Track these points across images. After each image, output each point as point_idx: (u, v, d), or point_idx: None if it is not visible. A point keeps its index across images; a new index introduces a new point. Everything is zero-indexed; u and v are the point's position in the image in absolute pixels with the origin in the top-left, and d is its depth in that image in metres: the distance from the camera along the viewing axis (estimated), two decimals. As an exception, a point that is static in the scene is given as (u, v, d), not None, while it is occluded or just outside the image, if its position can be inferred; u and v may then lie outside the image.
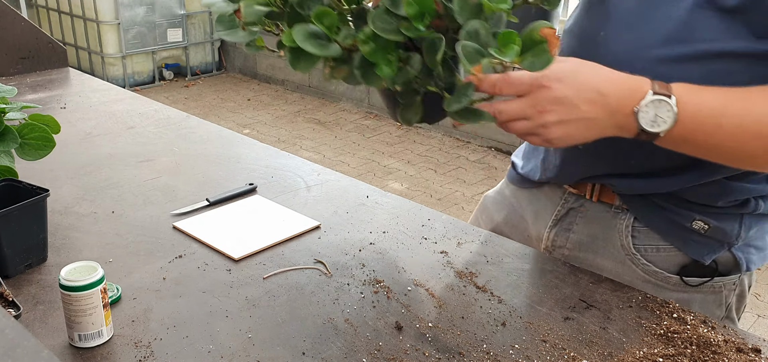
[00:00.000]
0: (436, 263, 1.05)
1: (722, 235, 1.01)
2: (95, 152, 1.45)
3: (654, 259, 1.04)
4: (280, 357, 0.83)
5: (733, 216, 1.01)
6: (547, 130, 0.86)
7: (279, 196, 1.27)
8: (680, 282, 1.04)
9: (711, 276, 1.04)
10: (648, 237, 1.05)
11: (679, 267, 1.04)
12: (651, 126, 0.84)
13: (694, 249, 1.02)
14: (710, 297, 1.05)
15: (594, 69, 0.87)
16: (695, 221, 1.01)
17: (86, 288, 0.82)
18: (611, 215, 1.07)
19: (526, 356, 0.85)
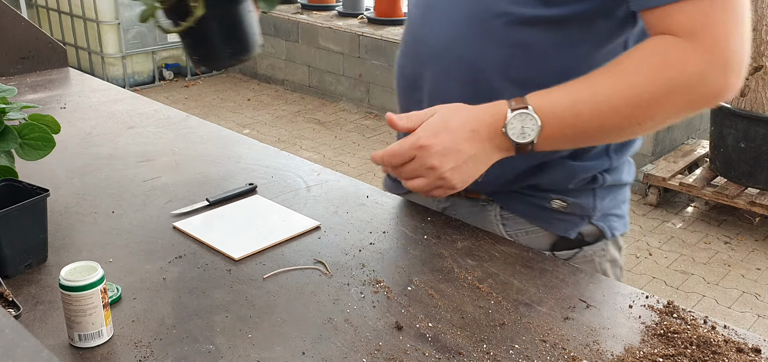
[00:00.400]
0: (436, 262, 1.05)
1: (580, 210, 1.12)
2: (95, 152, 1.45)
3: (526, 241, 1.14)
4: (280, 357, 0.83)
5: (586, 192, 1.12)
6: (446, 180, 0.96)
7: (279, 196, 1.27)
8: (554, 258, 1.11)
9: (579, 247, 1.14)
10: (516, 222, 1.15)
11: (551, 245, 1.14)
12: (522, 138, 0.94)
13: (558, 226, 1.13)
14: (585, 267, 1.13)
15: (458, 111, 0.97)
16: (553, 201, 1.11)
17: (86, 288, 0.82)
18: (479, 208, 1.17)
19: (526, 356, 0.85)
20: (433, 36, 1.08)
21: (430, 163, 0.94)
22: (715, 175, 3.74)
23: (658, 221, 3.70)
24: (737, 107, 3.51)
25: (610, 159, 1.12)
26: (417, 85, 1.13)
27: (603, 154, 1.11)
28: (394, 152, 0.96)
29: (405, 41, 1.17)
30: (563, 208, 1.11)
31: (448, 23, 1.06)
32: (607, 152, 1.11)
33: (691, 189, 3.67)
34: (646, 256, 3.34)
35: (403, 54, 1.17)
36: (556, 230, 1.13)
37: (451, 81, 1.07)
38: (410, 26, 1.15)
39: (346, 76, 5.34)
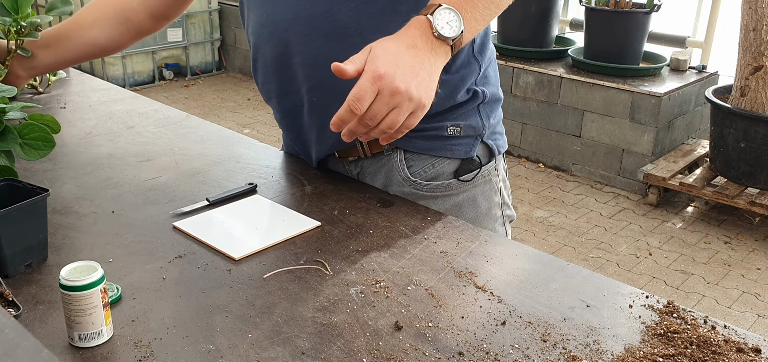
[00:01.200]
0: (436, 263, 1.05)
1: (473, 131, 1.24)
2: (95, 152, 1.45)
3: (433, 174, 1.25)
4: (280, 357, 0.83)
5: (473, 112, 1.23)
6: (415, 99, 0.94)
7: (279, 196, 1.27)
8: (459, 184, 1.26)
9: (478, 167, 1.26)
10: (421, 160, 1.25)
11: (454, 172, 1.26)
12: (451, 31, 0.95)
13: (458, 151, 1.24)
14: (486, 188, 1.28)
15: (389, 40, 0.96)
16: (449, 127, 1.22)
17: (86, 288, 0.82)
18: (386, 159, 1.27)
19: (526, 356, 0.85)
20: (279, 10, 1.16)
21: (394, 86, 0.92)
22: (715, 175, 3.74)
23: (658, 221, 3.70)
24: (737, 107, 3.51)
25: (478, 61, 1.21)
26: (280, 64, 1.21)
27: (470, 60, 1.20)
28: (356, 96, 0.92)
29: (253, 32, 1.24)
30: (458, 133, 1.23)
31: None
32: (473, 53, 1.20)
33: (691, 189, 3.67)
34: (646, 256, 3.34)
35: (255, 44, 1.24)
36: (458, 155, 1.24)
37: (310, 43, 1.15)
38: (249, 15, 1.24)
39: (346, 76, 5.34)
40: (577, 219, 3.71)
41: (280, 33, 1.18)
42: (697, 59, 4.55)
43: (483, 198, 1.29)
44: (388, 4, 1.12)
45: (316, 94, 1.21)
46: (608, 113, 4.07)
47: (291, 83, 1.22)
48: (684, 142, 4.29)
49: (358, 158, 1.30)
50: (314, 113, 1.24)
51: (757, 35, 3.40)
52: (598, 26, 4.22)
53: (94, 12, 1.42)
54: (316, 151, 1.32)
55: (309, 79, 1.20)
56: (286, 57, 1.19)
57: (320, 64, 1.14)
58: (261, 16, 1.20)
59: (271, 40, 1.20)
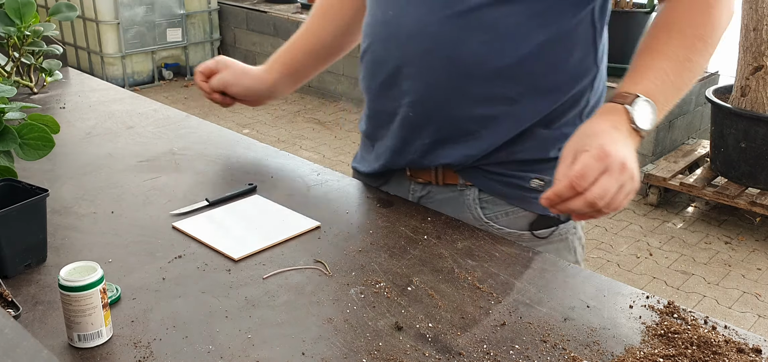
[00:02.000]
0: (436, 262, 1.05)
1: None
2: (95, 152, 1.45)
3: (505, 223, 1.17)
4: (279, 357, 0.83)
5: None
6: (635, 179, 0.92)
7: (279, 196, 1.27)
8: (533, 238, 1.17)
9: (556, 225, 1.18)
10: (495, 204, 1.17)
11: (529, 224, 1.17)
12: (648, 124, 0.96)
13: (537, 205, 1.10)
14: (561, 245, 1.20)
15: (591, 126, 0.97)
16: (532, 180, 1.14)
17: (86, 288, 0.82)
18: (458, 194, 1.19)
19: (526, 356, 0.84)
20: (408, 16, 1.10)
21: (620, 161, 0.89)
22: (716, 175, 3.73)
23: (659, 221, 3.70)
24: (738, 107, 3.51)
25: (582, 121, 1.14)
26: (391, 68, 1.15)
27: (576, 120, 1.14)
28: (581, 173, 0.89)
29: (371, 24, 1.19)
30: (541, 187, 1.13)
31: (423, 4, 1.08)
32: (580, 117, 1.14)
33: (691, 189, 3.67)
34: (646, 256, 3.34)
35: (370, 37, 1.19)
36: (536, 209, 1.15)
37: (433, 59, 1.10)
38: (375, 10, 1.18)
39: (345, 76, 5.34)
40: (577, 220, 3.71)
41: (401, 39, 1.12)
42: (697, 59, 4.53)
43: (555, 255, 1.16)
44: (523, 44, 1.06)
45: (416, 110, 1.14)
46: (608, 113, 4.07)
47: (393, 89, 1.16)
48: (684, 142, 4.29)
49: (429, 182, 1.22)
50: (405, 125, 1.17)
51: (757, 35, 3.40)
52: (598, 26, 4.21)
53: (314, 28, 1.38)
54: (390, 160, 1.23)
55: (414, 94, 1.14)
56: (399, 63, 1.14)
57: (431, 84, 1.11)
58: (386, 13, 1.14)
59: (388, 42, 1.14)
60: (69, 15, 1.61)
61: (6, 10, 1.48)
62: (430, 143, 1.16)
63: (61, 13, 1.62)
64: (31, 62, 1.73)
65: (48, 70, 1.75)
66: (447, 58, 1.09)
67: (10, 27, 1.49)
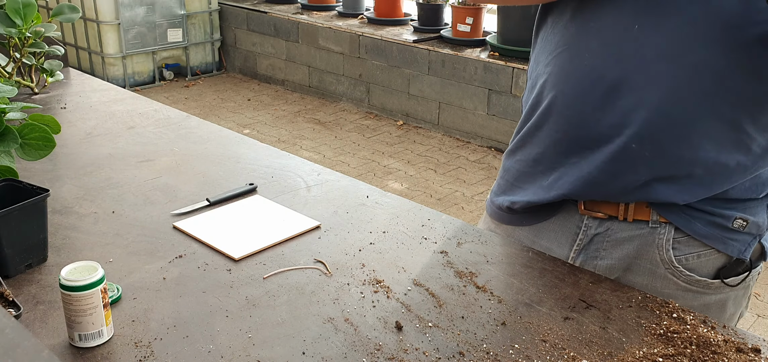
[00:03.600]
0: (436, 263, 1.05)
1: (757, 229, 1.03)
2: (95, 152, 1.45)
3: (694, 266, 1.03)
4: (280, 357, 0.83)
5: (763, 207, 1.03)
6: None
7: (279, 196, 1.27)
8: (721, 285, 1.04)
9: (747, 271, 1.05)
10: (689, 245, 1.02)
11: (717, 270, 1.04)
12: None
13: (733, 248, 1.02)
14: (741, 292, 1.06)
15: None
16: (736, 220, 1.01)
17: (86, 288, 0.82)
18: (648, 232, 1.03)
19: (526, 356, 0.85)
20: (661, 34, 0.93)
21: None
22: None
23: (658, 221, 3.70)
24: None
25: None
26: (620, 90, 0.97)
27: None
28: None
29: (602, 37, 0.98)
30: (743, 227, 1.02)
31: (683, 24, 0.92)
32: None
33: (691, 190, 3.67)
34: (646, 256, 3.34)
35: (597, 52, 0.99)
36: (731, 251, 1.03)
37: (682, 90, 0.94)
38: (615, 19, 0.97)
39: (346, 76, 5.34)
40: (577, 220, 3.71)
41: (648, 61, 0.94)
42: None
43: (733, 304, 1.07)
44: None
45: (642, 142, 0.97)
46: (608, 113, 4.07)
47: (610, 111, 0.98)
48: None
49: (612, 217, 1.04)
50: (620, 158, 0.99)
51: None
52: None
53: None
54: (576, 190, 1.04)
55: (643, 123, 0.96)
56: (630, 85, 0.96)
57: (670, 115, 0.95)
58: (632, 26, 0.95)
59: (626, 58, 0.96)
60: (71, 16, 1.61)
61: (7, 11, 1.48)
62: (644, 181, 0.99)
63: (63, 15, 1.62)
64: (33, 63, 1.73)
65: (49, 70, 1.75)
66: (701, 91, 0.93)
67: (12, 28, 1.49)
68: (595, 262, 1.07)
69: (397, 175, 4.10)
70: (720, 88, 0.92)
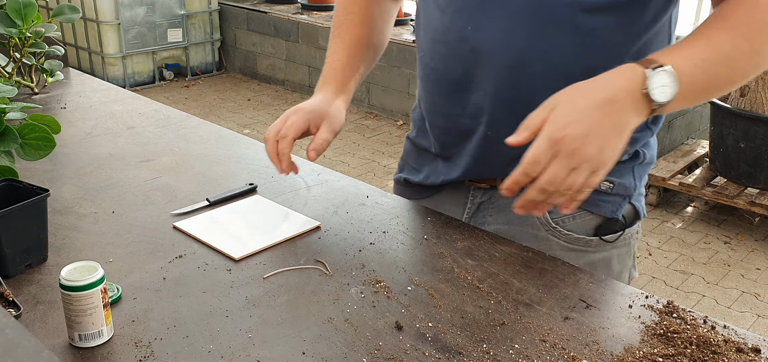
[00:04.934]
0: (436, 262, 1.05)
1: (624, 190, 1.14)
2: (95, 152, 1.45)
3: (572, 227, 1.15)
4: (280, 357, 0.83)
5: (628, 171, 1.14)
6: (594, 163, 0.87)
7: (279, 196, 1.27)
8: (600, 242, 1.15)
9: (622, 229, 1.16)
10: None
11: (595, 229, 1.15)
12: (662, 96, 0.88)
13: (605, 208, 1.14)
14: (624, 250, 1.18)
15: (583, 89, 0.90)
16: (603, 182, 1.11)
17: (86, 288, 0.82)
18: None
19: (526, 356, 0.85)
20: (491, 31, 1.04)
21: (573, 147, 0.85)
22: (715, 175, 3.74)
23: (658, 221, 3.70)
24: (737, 107, 3.51)
25: (651, 131, 1.14)
26: (467, 86, 1.10)
27: (645, 127, 1.11)
28: (531, 159, 0.87)
29: (444, 42, 1.11)
30: (610, 189, 1.13)
31: (510, 16, 1.03)
32: (647, 124, 1.12)
33: (690, 189, 3.67)
34: (645, 256, 3.34)
35: (442, 55, 1.12)
36: (604, 212, 1.14)
37: (519, 75, 1.04)
38: (450, 25, 1.09)
39: (346, 76, 5.34)
40: (577, 220, 3.71)
41: (482, 55, 1.06)
42: (697, 59, 4.54)
43: (618, 261, 1.19)
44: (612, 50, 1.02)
45: (495, 129, 1.09)
46: (608, 113, 4.07)
47: (466, 107, 1.12)
48: (684, 142, 4.29)
49: (492, 187, 1.17)
50: (484, 144, 1.12)
51: (757, 35, 3.40)
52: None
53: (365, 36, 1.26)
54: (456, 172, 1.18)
55: (494, 112, 1.09)
56: (471, 82, 1.09)
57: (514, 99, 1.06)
58: (464, 29, 1.07)
59: (464, 58, 1.09)
60: (71, 17, 1.61)
61: (7, 11, 1.48)
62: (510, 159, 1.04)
63: (63, 15, 1.62)
64: (33, 63, 1.73)
65: (49, 70, 1.75)
66: (531, 72, 1.04)
67: (12, 28, 1.49)
68: (485, 226, 1.18)
69: (397, 175, 4.10)
70: (548, 66, 1.03)
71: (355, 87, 1.24)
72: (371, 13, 1.27)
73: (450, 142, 1.18)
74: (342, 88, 1.20)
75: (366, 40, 1.26)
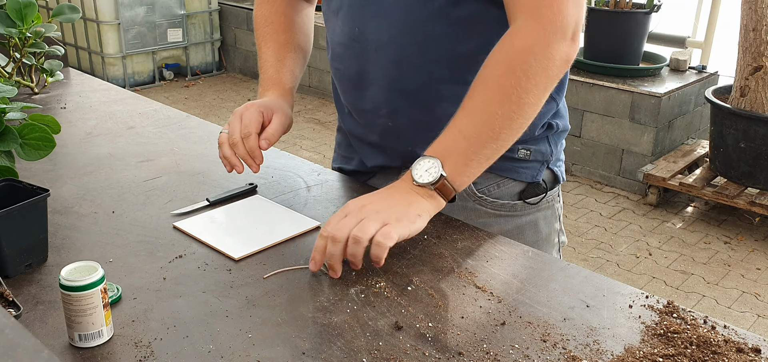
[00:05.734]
0: (436, 262, 1.05)
1: (541, 156, 1.24)
2: (95, 152, 1.45)
3: (498, 194, 1.23)
4: (280, 357, 0.83)
5: (543, 139, 1.23)
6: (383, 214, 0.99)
7: (279, 196, 1.27)
8: (524, 205, 1.25)
9: (544, 192, 1.26)
10: (487, 178, 1.20)
11: (519, 194, 1.25)
12: (429, 176, 1.02)
13: (526, 174, 1.23)
14: (548, 213, 1.28)
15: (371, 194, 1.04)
16: (519, 150, 1.21)
17: (86, 288, 0.82)
18: None
19: (526, 356, 0.85)
20: (375, 29, 1.14)
21: (359, 205, 1.00)
22: (715, 175, 3.74)
23: (658, 221, 3.70)
24: (737, 107, 3.51)
25: (555, 101, 1.22)
26: (362, 82, 1.20)
27: (551, 99, 1.19)
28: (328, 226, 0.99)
29: (340, 43, 1.21)
30: (527, 156, 1.22)
31: (389, 14, 1.12)
32: (552, 96, 1.19)
33: (691, 189, 3.67)
34: (646, 256, 3.34)
35: (340, 56, 1.22)
36: (524, 177, 1.24)
37: (403, 68, 1.15)
38: (342, 26, 1.20)
39: (346, 76, 5.35)
40: (577, 220, 3.71)
41: (369, 53, 1.17)
42: (697, 59, 4.55)
43: (544, 222, 1.28)
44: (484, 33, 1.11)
45: (394, 119, 1.20)
46: (608, 113, 4.07)
47: (364, 102, 1.22)
48: (684, 142, 4.29)
49: None
50: (388, 134, 1.23)
51: (756, 35, 3.40)
52: (598, 26, 4.22)
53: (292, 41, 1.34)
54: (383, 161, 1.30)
55: (389, 104, 1.19)
56: (366, 77, 1.19)
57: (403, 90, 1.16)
58: (353, 30, 1.18)
59: (358, 58, 1.19)
60: (71, 17, 1.61)
61: (7, 11, 1.48)
62: (416, 144, 1.16)
63: (63, 15, 1.62)
64: (33, 63, 1.73)
65: (49, 70, 1.75)
66: (415, 63, 1.13)
67: (12, 28, 1.49)
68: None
69: (397, 175, 4.10)
70: (429, 57, 1.12)
71: (293, 87, 1.32)
72: (290, 19, 1.35)
73: (359, 136, 1.30)
74: (282, 91, 1.28)
75: (292, 44, 1.33)
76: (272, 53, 1.32)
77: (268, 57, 1.32)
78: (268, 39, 1.33)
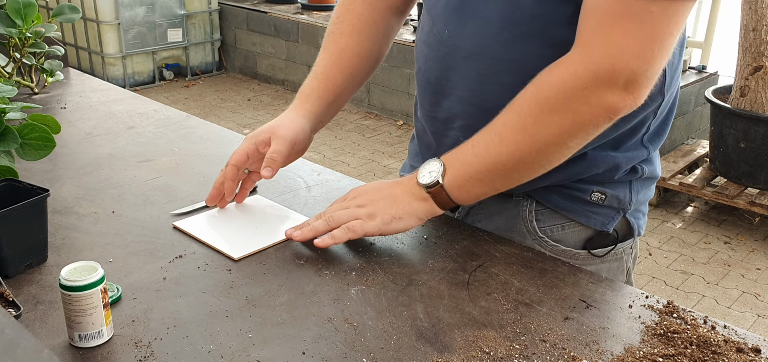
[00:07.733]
0: (436, 263, 1.05)
1: (617, 202, 1.11)
2: (95, 152, 1.45)
3: (560, 237, 1.13)
4: (280, 357, 0.83)
5: (624, 184, 1.11)
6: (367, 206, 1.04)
7: (279, 196, 1.27)
8: (588, 256, 1.13)
9: (613, 244, 1.14)
10: (552, 217, 1.12)
11: (584, 241, 1.13)
12: (428, 178, 1.02)
13: (596, 221, 1.11)
14: (614, 265, 1.16)
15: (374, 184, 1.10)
16: (593, 193, 1.09)
17: (86, 288, 0.82)
18: (513, 204, 1.14)
19: (525, 356, 0.85)
20: (467, 36, 1.05)
21: (352, 195, 1.06)
22: (715, 175, 3.74)
23: (658, 221, 3.70)
24: (737, 107, 3.51)
25: (647, 149, 1.11)
26: (442, 89, 1.11)
27: (639, 145, 1.10)
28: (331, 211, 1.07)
29: (427, 43, 1.13)
30: (602, 201, 1.10)
31: (486, 23, 1.03)
32: (642, 142, 1.10)
33: (691, 189, 3.67)
34: (646, 256, 3.34)
35: (425, 56, 1.14)
36: (594, 224, 1.11)
37: (488, 83, 1.05)
38: (432, 27, 1.11)
39: (346, 76, 5.34)
40: (577, 220, 3.71)
41: (456, 60, 1.08)
42: (697, 59, 4.55)
43: (606, 273, 1.15)
44: None
45: (467, 134, 1.06)
46: (608, 113, 4.07)
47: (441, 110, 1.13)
48: (684, 142, 4.29)
49: None
50: None
51: (756, 35, 3.40)
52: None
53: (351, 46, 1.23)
54: None
55: (466, 118, 1.10)
56: (447, 85, 1.11)
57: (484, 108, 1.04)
58: (442, 32, 1.08)
59: (443, 62, 1.10)
60: (72, 17, 1.61)
61: (7, 11, 1.48)
62: None
63: (63, 15, 1.62)
64: (33, 63, 1.73)
65: (49, 70, 1.75)
66: (501, 81, 1.03)
67: (12, 28, 1.49)
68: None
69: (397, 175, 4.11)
70: (517, 77, 1.00)
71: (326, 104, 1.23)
72: (364, 21, 1.24)
73: (429, 142, 1.20)
74: (304, 111, 1.21)
75: (353, 50, 1.23)
76: (322, 59, 1.24)
77: (317, 63, 1.25)
78: (328, 41, 1.25)
